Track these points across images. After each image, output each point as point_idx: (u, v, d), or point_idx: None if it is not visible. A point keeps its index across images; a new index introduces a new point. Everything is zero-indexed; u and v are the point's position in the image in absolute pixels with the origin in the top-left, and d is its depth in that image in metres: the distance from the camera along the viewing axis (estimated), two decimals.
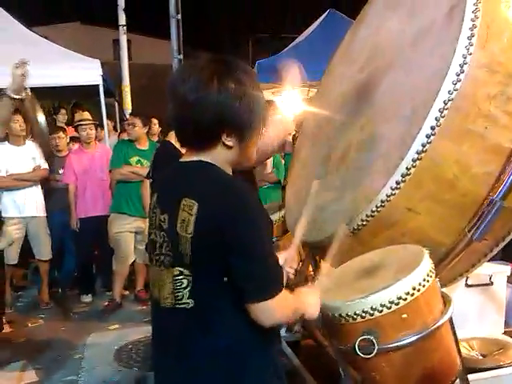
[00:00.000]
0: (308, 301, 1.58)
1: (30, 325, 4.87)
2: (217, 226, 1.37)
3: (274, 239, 2.92)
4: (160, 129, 6.49)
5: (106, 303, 5.24)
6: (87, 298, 5.49)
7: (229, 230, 1.37)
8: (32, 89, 3.15)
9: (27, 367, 3.94)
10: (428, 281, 1.69)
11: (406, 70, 2.17)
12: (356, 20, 2.94)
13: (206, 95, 1.39)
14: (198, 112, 1.40)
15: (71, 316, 5.10)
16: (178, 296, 1.44)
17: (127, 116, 7.62)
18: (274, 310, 1.41)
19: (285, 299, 1.44)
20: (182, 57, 7.40)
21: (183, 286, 1.43)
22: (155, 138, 6.26)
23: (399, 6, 2.49)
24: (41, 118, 2.79)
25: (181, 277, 1.44)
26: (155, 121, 6.51)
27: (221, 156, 1.47)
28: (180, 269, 1.44)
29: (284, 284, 1.47)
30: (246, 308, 1.40)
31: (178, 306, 1.45)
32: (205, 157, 1.47)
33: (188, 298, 1.43)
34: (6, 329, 4.56)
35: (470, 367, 2.14)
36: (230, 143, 1.45)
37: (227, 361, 1.43)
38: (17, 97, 2.65)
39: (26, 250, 5.22)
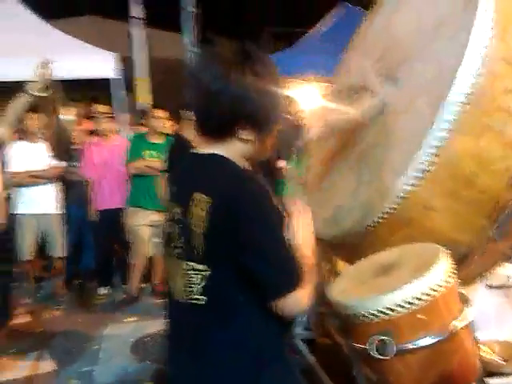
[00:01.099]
0: (306, 242, 1.48)
1: (48, 315, 4.93)
2: (230, 224, 1.34)
3: None
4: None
5: (124, 296, 5.27)
6: (105, 291, 5.53)
7: (242, 229, 1.34)
8: None
9: (43, 357, 3.99)
10: (447, 281, 1.63)
11: (422, 61, 2.10)
12: (371, 10, 2.87)
13: (225, 86, 1.37)
14: (217, 102, 1.38)
15: (89, 308, 5.14)
16: (191, 291, 1.42)
17: (139, 109, 7.60)
18: (297, 300, 1.39)
19: (305, 283, 1.39)
20: (196, 50, 7.36)
21: (196, 281, 1.41)
22: None
23: None
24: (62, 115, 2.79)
25: (192, 272, 1.41)
26: None
27: (236, 149, 1.45)
28: (192, 263, 1.41)
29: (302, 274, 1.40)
30: (270, 305, 1.38)
31: (190, 301, 1.43)
32: (220, 149, 1.44)
33: (200, 295, 1.41)
34: (25, 319, 4.61)
35: (491, 371, 2.08)
36: (245, 137, 1.42)
37: (244, 354, 1.41)
38: (38, 94, 2.64)
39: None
